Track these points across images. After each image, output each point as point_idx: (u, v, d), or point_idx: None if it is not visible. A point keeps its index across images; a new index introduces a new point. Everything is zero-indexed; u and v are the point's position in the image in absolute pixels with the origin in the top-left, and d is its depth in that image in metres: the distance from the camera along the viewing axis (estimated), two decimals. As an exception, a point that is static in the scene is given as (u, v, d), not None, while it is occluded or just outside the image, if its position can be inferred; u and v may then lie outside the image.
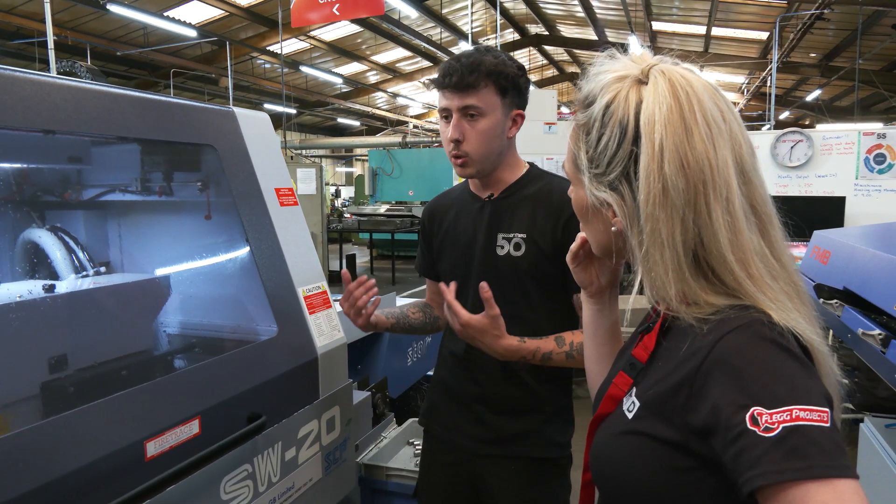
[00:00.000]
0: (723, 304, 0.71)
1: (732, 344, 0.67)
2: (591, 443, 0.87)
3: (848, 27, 12.20)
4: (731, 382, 0.65)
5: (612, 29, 16.50)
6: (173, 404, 1.19)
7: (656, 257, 0.73)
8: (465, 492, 1.67)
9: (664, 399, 0.73)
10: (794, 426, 0.60)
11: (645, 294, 0.78)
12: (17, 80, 1.07)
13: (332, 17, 6.22)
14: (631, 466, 0.76)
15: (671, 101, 0.73)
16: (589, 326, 1.07)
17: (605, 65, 0.81)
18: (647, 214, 0.73)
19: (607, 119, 0.77)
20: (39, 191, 1.53)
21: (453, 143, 1.48)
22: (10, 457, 0.92)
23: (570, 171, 0.87)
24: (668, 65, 0.77)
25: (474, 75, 1.43)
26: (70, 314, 1.42)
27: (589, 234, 0.89)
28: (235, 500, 1.32)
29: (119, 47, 12.95)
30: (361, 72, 18.99)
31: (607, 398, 0.84)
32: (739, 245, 0.72)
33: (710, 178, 0.71)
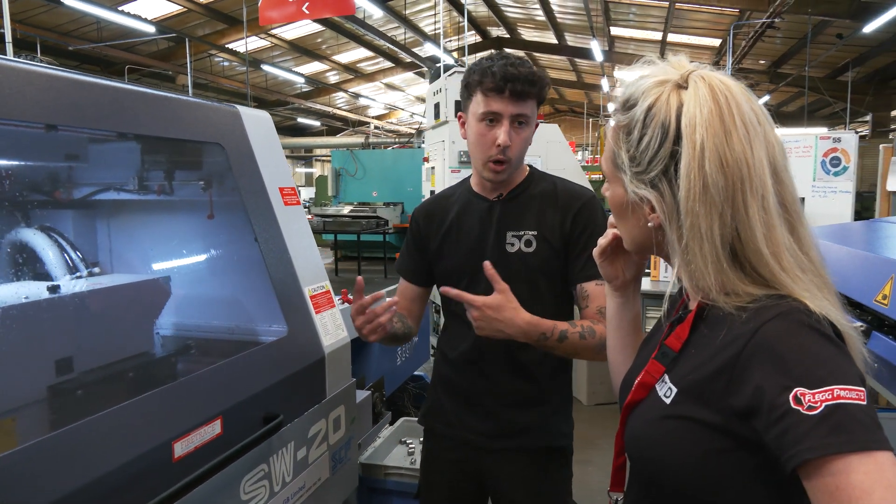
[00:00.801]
0: (759, 293, 0.76)
1: (773, 330, 0.72)
2: (623, 428, 0.91)
3: (795, 35, 12.74)
4: (773, 366, 0.70)
5: (572, 33, 16.79)
6: (196, 405, 1.18)
7: (695, 250, 0.77)
8: (470, 488, 1.70)
9: (704, 384, 0.77)
10: (836, 404, 0.65)
11: (683, 284, 0.82)
12: (24, 73, 1.04)
13: (300, 16, 6.16)
14: (673, 448, 0.80)
15: (711, 105, 0.77)
16: (613, 318, 1.11)
17: (644, 69, 0.85)
18: (687, 210, 0.77)
19: (649, 121, 0.81)
20: (50, 189, 1.49)
21: (500, 149, 1.50)
22: (52, 458, 0.90)
23: (609, 170, 0.90)
24: (707, 71, 0.82)
25: (534, 87, 1.48)
26: (90, 314, 1.39)
27: (624, 229, 0.93)
28: (253, 500, 1.31)
29: (71, 42, 12.49)
30: (322, 71, 18.81)
31: (639, 386, 0.88)
32: (773, 240, 0.77)
33: (747, 176, 0.76)
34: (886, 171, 4.37)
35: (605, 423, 4.44)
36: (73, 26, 12.68)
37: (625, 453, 0.94)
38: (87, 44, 12.63)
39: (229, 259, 1.66)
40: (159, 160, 1.57)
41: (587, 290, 1.56)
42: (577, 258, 1.57)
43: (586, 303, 1.57)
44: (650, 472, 0.86)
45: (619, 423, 0.93)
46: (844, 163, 4.74)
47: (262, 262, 1.51)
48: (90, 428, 0.97)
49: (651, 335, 1.01)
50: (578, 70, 21.38)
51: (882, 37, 11.71)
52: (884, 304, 1.68)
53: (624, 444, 0.92)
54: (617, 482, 0.98)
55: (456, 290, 1.41)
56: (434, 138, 5.44)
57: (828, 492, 0.64)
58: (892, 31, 11.02)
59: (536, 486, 1.63)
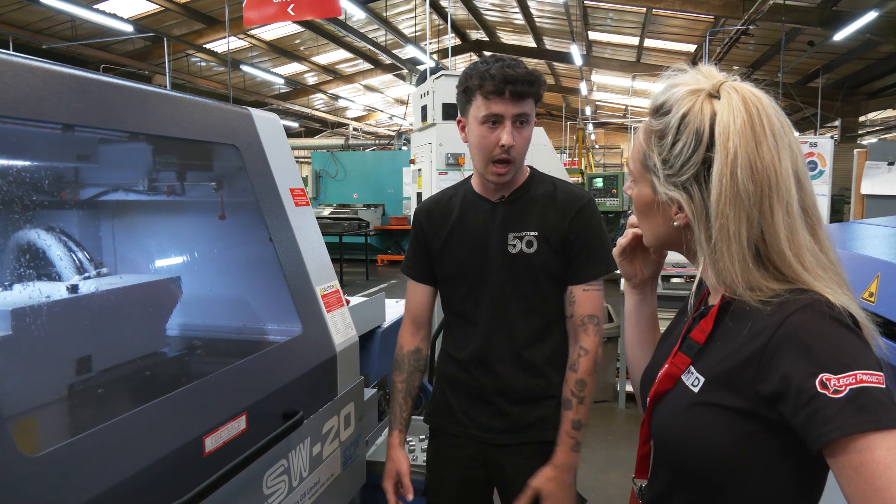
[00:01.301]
0: (781, 288, 0.82)
1: (799, 321, 0.78)
2: (649, 417, 0.96)
3: (768, 42, 13.06)
4: (800, 354, 0.76)
5: (550, 37, 16.98)
6: (223, 401, 1.20)
7: (723, 250, 0.83)
8: (478, 483, 1.74)
9: (732, 373, 0.83)
10: (860, 388, 0.71)
11: (708, 279, 0.88)
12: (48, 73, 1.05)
13: (285, 17, 6.15)
14: (703, 433, 0.85)
15: (745, 115, 0.83)
16: (632, 315, 1.16)
17: (676, 77, 0.90)
18: (717, 212, 0.83)
19: (683, 127, 0.86)
20: (69, 190, 1.49)
21: (503, 149, 1.53)
22: (99, 451, 0.92)
23: (637, 171, 0.95)
24: (737, 82, 0.87)
25: (533, 87, 1.52)
26: (111, 313, 1.40)
27: (647, 226, 0.98)
28: (274, 495, 1.34)
29: (45, 40, 12.25)
30: (300, 72, 18.71)
31: (665, 377, 0.94)
32: (795, 242, 0.83)
33: (774, 183, 0.82)
34: (861, 174, 4.53)
35: (592, 422, 4.46)
36: (46, 24, 12.45)
37: (649, 442, 0.99)
38: (61, 42, 12.41)
39: (244, 259, 1.68)
40: (179, 161, 1.58)
41: (575, 294, 1.62)
42: (571, 261, 1.62)
43: (572, 310, 1.63)
44: (679, 458, 0.91)
45: (646, 413, 0.98)
46: (820, 166, 4.89)
47: (275, 262, 1.53)
48: (129, 423, 0.99)
49: (670, 330, 1.06)
50: (556, 73, 21.59)
51: (851, 45, 12.06)
52: (870, 301, 1.77)
53: (650, 433, 0.97)
54: (642, 469, 1.03)
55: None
56: (421, 140, 5.48)
57: (853, 467, 0.70)
58: (861, 40, 11.36)
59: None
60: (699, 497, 0.90)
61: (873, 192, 4.51)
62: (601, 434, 4.35)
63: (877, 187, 4.49)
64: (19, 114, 0.97)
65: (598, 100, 24.95)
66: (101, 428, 0.95)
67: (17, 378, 1.18)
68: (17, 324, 1.19)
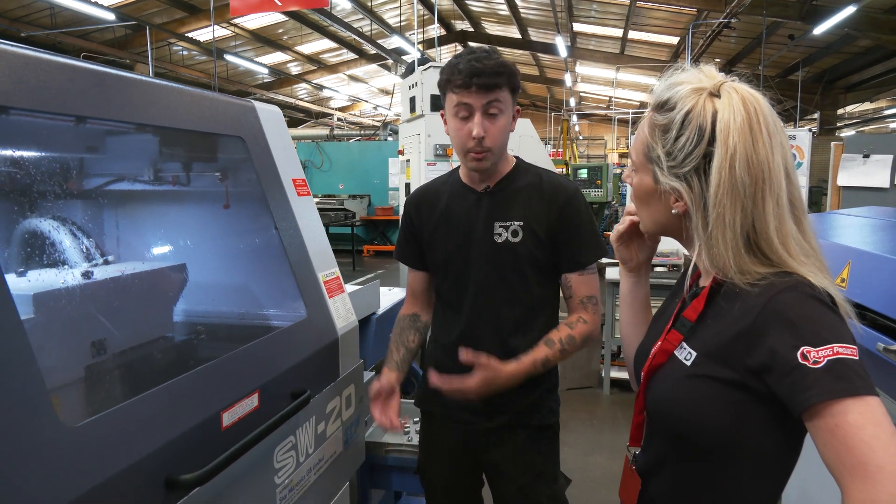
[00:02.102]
0: (768, 272, 0.91)
1: (784, 301, 0.87)
2: (645, 389, 1.04)
3: (750, 35, 13.24)
4: (784, 330, 0.85)
5: (534, 28, 17.03)
6: (238, 379, 1.27)
7: (718, 237, 0.92)
8: (467, 465, 1.81)
9: (723, 348, 0.92)
10: (836, 359, 0.81)
11: (702, 263, 0.96)
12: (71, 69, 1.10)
13: (272, 7, 6.15)
14: (696, 403, 0.94)
15: (744, 114, 0.91)
16: (626, 296, 1.25)
17: (678, 76, 0.99)
18: (715, 202, 0.91)
19: (687, 123, 0.94)
20: (85, 180, 1.54)
21: (476, 140, 1.59)
22: (129, 423, 0.99)
23: (640, 160, 1.03)
24: (737, 83, 0.96)
25: (501, 77, 1.57)
26: (135, 297, 1.46)
27: (646, 213, 1.06)
28: (284, 469, 1.41)
29: (23, 28, 12.06)
30: (283, 62, 18.59)
31: (660, 352, 1.02)
32: (783, 231, 0.91)
33: (767, 177, 0.90)
34: (837, 166, 4.67)
35: (577, 407, 4.64)
36: (24, 12, 12.25)
37: (643, 412, 1.08)
38: (39, 30, 12.22)
39: (251, 247, 1.74)
40: (188, 153, 1.64)
41: (570, 280, 1.70)
42: (564, 250, 1.69)
43: (569, 293, 1.71)
44: (674, 426, 1.00)
45: (641, 386, 1.06)
46: (799, 158, 5.03)
47: (279, 250, 1.59)
48: (156, 398, 1.06)
49: (662, 311, 1.15)
50: (541, 65, 21.67)
51: (830, 38, 12.28)
52: (842, 286, 1.88)
53: (644, 404, 1.05)
54: (636, 437, 1.12)
55: (439, 380, 1.54)
56: (409, 132, 5.53)
57: (828, 430, 0.79)
58: (840, 34, 11.58)
59: (529, 461, 1.75)
60: (691, 460, 0.99)
61: (849, 183, 4.66)
62: (585, 419, 4.47)
63: (852, 179, 4.63)
64: (35, 106, 1.02)
65: (583, 91, 25.10)
66: (130, 402, 1.02)
67: (44, 357, 1.23)
68: (39, 307, 1.24)
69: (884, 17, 10.48)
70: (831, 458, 0.80)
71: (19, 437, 0.81)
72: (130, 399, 1.02)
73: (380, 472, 2.17)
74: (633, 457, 1.13)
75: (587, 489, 3.32)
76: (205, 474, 1.08)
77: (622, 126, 27.68)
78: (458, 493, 1.85)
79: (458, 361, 1.73)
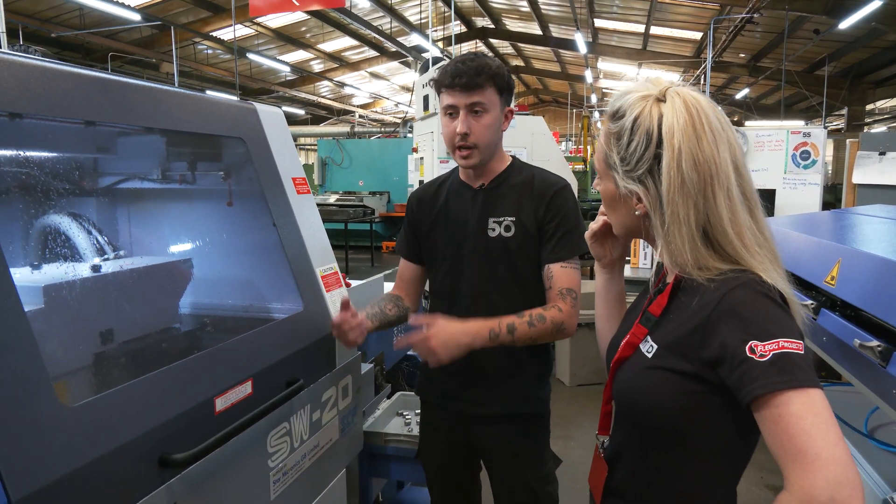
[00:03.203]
0: (725, 268, 0.96)
1: (736, 297, 0.92)
2: (612, 380, 1.10)
3: (774, 30, 13.03)
4: (735, 325, 0.90)
5: (555, 24, 16.96)
6: (231, 368, 1.35)
7: (675, 233, 0.97)
8: (462, 452, 1.89)
9: (681, 341, 0.97)
10: (781, 353, 0.85)
11: (664, 260, 1.01)
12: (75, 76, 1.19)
13: (290, 7, 6.26)
14: (655, 393, 1.00)
15: (686, 116, 0.96)
16: (601, 292, 1.30)
17: (629, 85, 1.04)
18: (668, 200, 0.96)
19: (636, 129, 1.00)
20: (94, 179, 1.64)
21: (460, 137, 1.67)
22: (124, 405, 1.07)
23: (601, 168, 1.09)
24: (680, 87, 1.01)
25: (481, 77, 1.65)
26: (135, 290, 1.56)
27: (614, 218, 1.12)
28: (277, 453, 1.49)
29: (53, 28, 12.38)
30: (306, 60, 18.79)
31: (626, 345, 1.08)
32: (736, 222, 0.96)
33: (714, 173, 0.95)
34: (853, 164, 4.62)
35: (585, 403, 4.67)
36: (54, 13, 12.57)
37: (611, 402, 1.13)
38: (69, 31, 12.54)
39: (251, 243, 1.82)
40: (191, 153, 1.73)
41: (552, 271, 1.74)
42: (547, 241, 1.75)
43: (549, 283, 1.74)
44: (636, 414, 1.05)
45: (609, 377, 1.12)
46: (814, 156, 4.98)
47: (278, 246, 1.67)
48: (151, 383, 1.14)
49: (633, 306, 1.20)
50: (562, 61, 21.56)
51: (857, 33, 12.04)
52: (832, 284, 1.90)
53: (612, 394, 1.11)
54: (604, 426, 1.17)
55: (401, 340, 1.59)
56: (423, 129, 5.60)
57: (772, 419, 0.84)
58: (867, 28, 11.34)
59: (519, 448, 1.82)
60: (650, 448, 1.05)
61: (864, 181, 4.61)
62: (592, 415, 4.49)
63: (868, 177, 4.58)
64: (51, 112, 1.11)
65: (605, 87, 24.92)
66: (127, 385, 1.10)
67: (51, 344, 1.33)
68: (48, 298, 1.34)
69: (912, 11, 10.25)
70: (775, 447, 0.84)
71: (21, 414, 0.90)
72: (126, 383, 1.10)
73: (379, 460, 2.24)
74: (602, 444, 1.18)
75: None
76: (197, 454, 1.16)
77: (645, 122, 27.27)
78: (455, 476, 1.93)
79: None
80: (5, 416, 0.88)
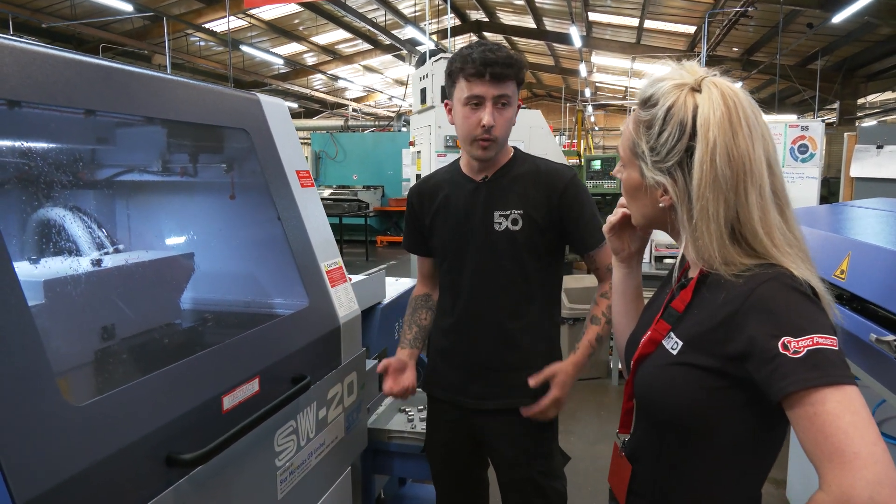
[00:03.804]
0: (752, 263, 0.93)
1: (765, 291, 0.89)
2: (633, 377, 1.07)
3: (767, 24, 13.02)
4: (765, 320, 0.87)
5: (550, 18, 16.89)
6: (238, 365, 1.32)
7: (703, 229, 0.94)
8: (466, 445, 1.87)
9: (706, 336, 0.95)
10: (815, 349, 0.83)
11: (689, 254, 0.98)
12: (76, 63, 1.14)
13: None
14: (679, 389, 0.97)
15: (723, 108, 0.93)
16: (619, 286, 1.28)
17: (661, 73, 1.01)
18: (698, 195, 0.93)
19: (669, 118, 0.96)
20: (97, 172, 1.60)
21: (484, 129, 1.64)
22: (131, 403, 1.04)
23: (626, 156, 1.06)
24: (717, 78, 0.98)
25: (512, 69, 1.62)
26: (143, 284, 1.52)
27: (635, 208, 1.09)
28: (284, 452, 1.46)
29: (44, 19, 12.21)
30: (299, 52, 18.63)
31: (648, 341, 1.05)
32: (766, 221, 0.93)
33: (748, 169, 0.92)
34: (850, 157, 4.62)
35: (585, 397, 4.66)
36: (45, 2, 12.39)
37: (632, 399, 1.11)
38: (60, 21, 12.37)
39: (255, 237, 1.79)
40: (194, 145, 1.68)
41: (593, 256, 1.78)
42: (576, 232, 1.75)
43: (595, 265, 1.80)
44: (658, 411, 1.03)
45: (630, 374, 1.09)
46: (811, 150, 4.98)
47: (282, 240, 1.64)
48: (158, 380, 1.11)
49: (653, 301, 1.18)
50: (556, 55, 21.50)
51: (850, 27, 12.05)
52: (841, 278, 1.88)
53: (633, 391, 1.08)
54: (625, 424, 1.15)
55: (527, 411, 1.70)
56: (420, 123, 5.55)
57: (807, 417, 0.81)
58: (860, 22, 11.36)
59: (522, 441, 1.80)
60: (674, 445, 1.02)
61: (862, 174, 4.61)
62: (593, 408, 4.49)
63: (865, 170, 4.58)
64: (50, 100, 1.07)
65: (598, 81, 24.88)
66: (134, 384, 1.07)
67: (53, 341, 1.29)
68: (50, 293, 1.30)
69: (905, 5, 10.27)
70: (809, 446, 0.82)
71: (26, 414, 0.86)
72: (134, 381, 1.07)
73: (383, 457, 2.22)
74: (623, 443, 1.16)
75: (592, 478, 3.35)
76: (205, 454, 1.13)
77: (639, 116, 27.30)
78: (461, 470, 1.91)
79: (456, 344, 1.80)
80: (10, 416, 0.84)
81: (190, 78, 1.49)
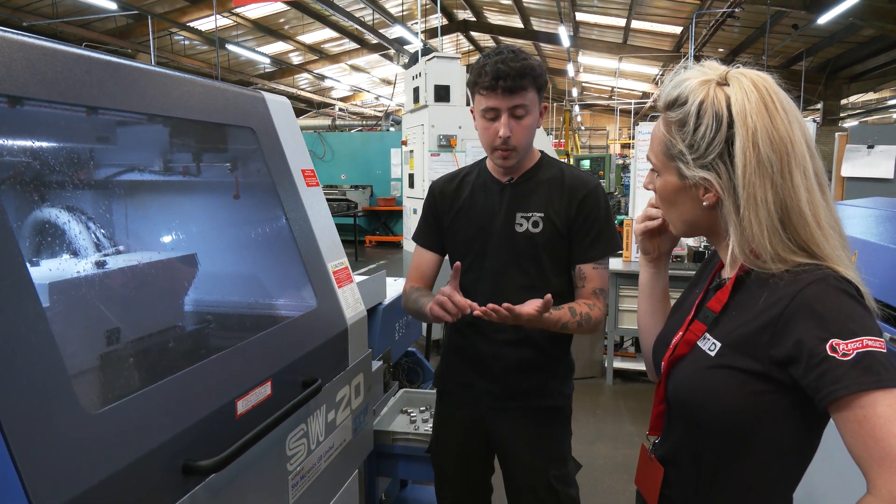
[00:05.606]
0: (800, 260, 0.91)
1: (812, 293, 0.88)
2: (666, 378, 1.06)
3: (753, 25, 13.15)
4: (813, 322, 0.86)
5: (537, 18, 16.93)
6: (251, 368, 1.29)
7: (751, 217, 0.92)
8: (477, 444, 1.86)
9: (748, 339, 0.93)
10: (865, 352, 0.82)
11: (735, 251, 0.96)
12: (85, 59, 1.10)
13: (275, -3, 6.10)
14: (719, 393, 0.96)
15: (756, 94, 0.92)
16: (646, 287, 1.27)
17: (682, 74, 1.00)
18: (744, 182, 0.92)
19: (703, 113, 0.95)
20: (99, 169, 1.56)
21: (502, 140, 1.63)
22: (148, 410, 1.00)
23: (661, 162, 1.04)
24: (742, 69, 0.97)
25: (526, 80, 1.59)
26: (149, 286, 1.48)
27: (675, 214, 1.06)
28: (295, 456, 1.43)
29: (25, 17, 12.00)
30: (285, 52, 18.50)
31: (682, 342, 1.04)
32: (813, 202, 0.92)
33: (791, 151, 0.91)
34: (841, 157, 4.67)
35: (580, 397, 4.66)
36: (25, 1, 12.19)
37: (664, 402, 1.09)
38: (41, 19, 12.16)
39: (262, 237, 1.75)
40: (200, 143, 1.65)
41: (585, 271, 1.74)
42: (579, 241, 1.73)
43: (583, 283, 1.75)
44: (694, 414, 1.01)
45: (661, 376, 1.07)
46: (802, 149, 5.02)
47: (289, 240, 1.61)
48: (172, 386, 1.08)
49: (681, 302, 1.16)
50: (543, 55, 21.55)
51: (834, 28, 12.20)
52: (847, 276, 1.89)
53: (665, 393, 1.07)
54: (656, 426, 1.13)
55: (485, 312, 1.50)
56: (412, 122, 5.52)
57: (857, 421, 0.80)
58: (844, 23, 11.49)
59: (538, 443, 1.79)
60: (711, 449, 1.01)
61: (853, 174, 4.65)
62: (588, 408, 4.50)
63: (856, 170, 4.63)
64: (48, 96, 1.02)
65: (585, 81, 24.98)
66: (149, 390, 1.03)
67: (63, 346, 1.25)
68: (55, 296, 1.26)
69: (888, 7, 10.40)
70: (859, 449, 0.81)
71: (43, 423, 0.83)
72: (147, 387, 1.04)
73: (387, 459, 2.19)
74: (652, 446, 1.14)
75: (590, 478, 3.34)
76: (221, 461, 1.10)
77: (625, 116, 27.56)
78: (468, 471, 1.89)
79: (474, 343, 1.78)
80: (29, 427, 0.81)
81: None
